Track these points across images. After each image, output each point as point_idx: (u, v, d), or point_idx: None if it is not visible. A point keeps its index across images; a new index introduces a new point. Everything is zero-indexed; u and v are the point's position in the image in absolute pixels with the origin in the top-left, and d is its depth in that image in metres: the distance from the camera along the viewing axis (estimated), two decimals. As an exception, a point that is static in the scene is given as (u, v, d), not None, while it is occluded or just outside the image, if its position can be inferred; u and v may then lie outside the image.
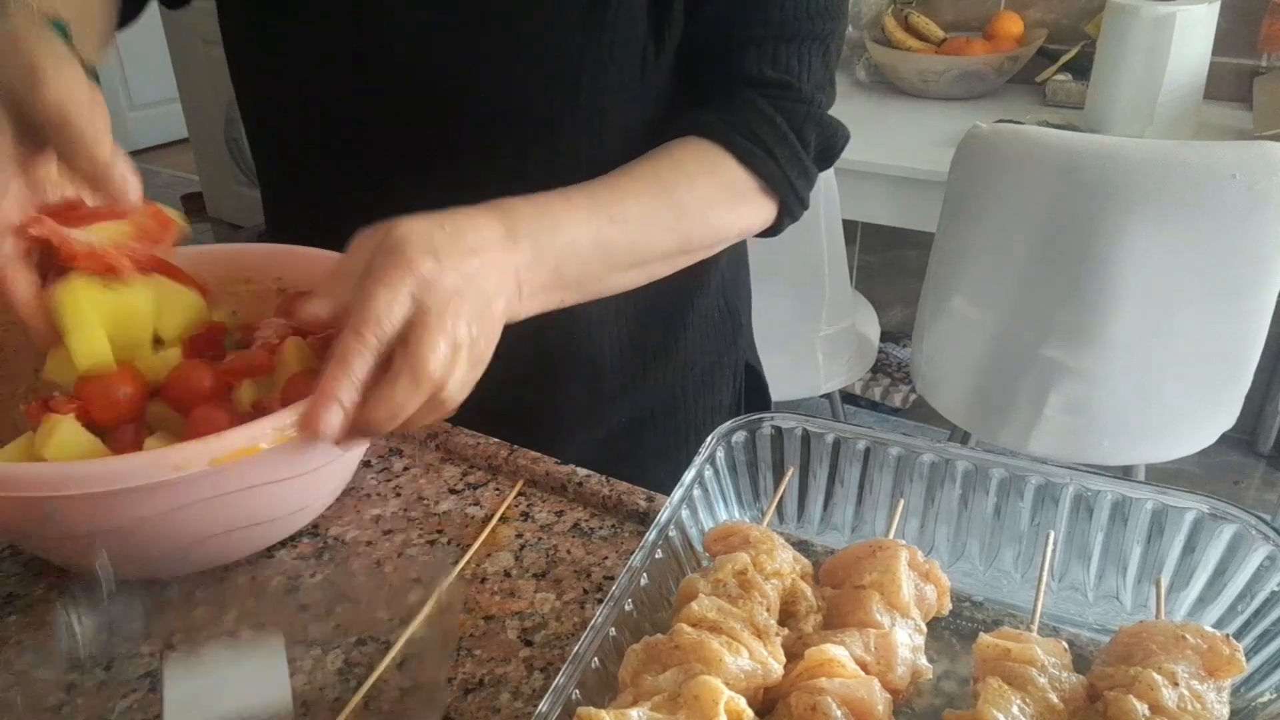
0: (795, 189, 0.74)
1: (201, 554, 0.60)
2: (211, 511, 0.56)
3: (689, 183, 0.69)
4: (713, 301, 0.89)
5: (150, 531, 0.55)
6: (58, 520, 0.52)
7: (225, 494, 0.55)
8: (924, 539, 0.59)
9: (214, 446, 0.50)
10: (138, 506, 0.52)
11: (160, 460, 0.49)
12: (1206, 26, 1.82)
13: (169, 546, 0.57)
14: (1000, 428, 1.61)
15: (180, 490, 0.52)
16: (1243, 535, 0.51)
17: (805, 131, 0.74)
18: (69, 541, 0.57)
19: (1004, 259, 1.48)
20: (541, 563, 0.62)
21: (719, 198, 0.71)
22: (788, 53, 0.73)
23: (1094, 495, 0.54)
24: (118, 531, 0.54)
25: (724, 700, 0.41)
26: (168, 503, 0.53)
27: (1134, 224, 1.33)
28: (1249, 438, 2.36)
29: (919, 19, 2.22)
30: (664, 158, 0.70)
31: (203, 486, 0.53)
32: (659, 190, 0.68)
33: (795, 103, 0.74)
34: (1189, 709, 0.43)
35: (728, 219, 0.73)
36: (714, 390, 0.92)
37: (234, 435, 0.51)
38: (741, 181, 0.72)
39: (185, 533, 0.57)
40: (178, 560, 0.59)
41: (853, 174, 1.77)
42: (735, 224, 0.74)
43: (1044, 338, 1.48)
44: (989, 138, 1.41)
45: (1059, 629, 0.54)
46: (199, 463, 0.50)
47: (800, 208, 0.77)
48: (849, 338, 1.82)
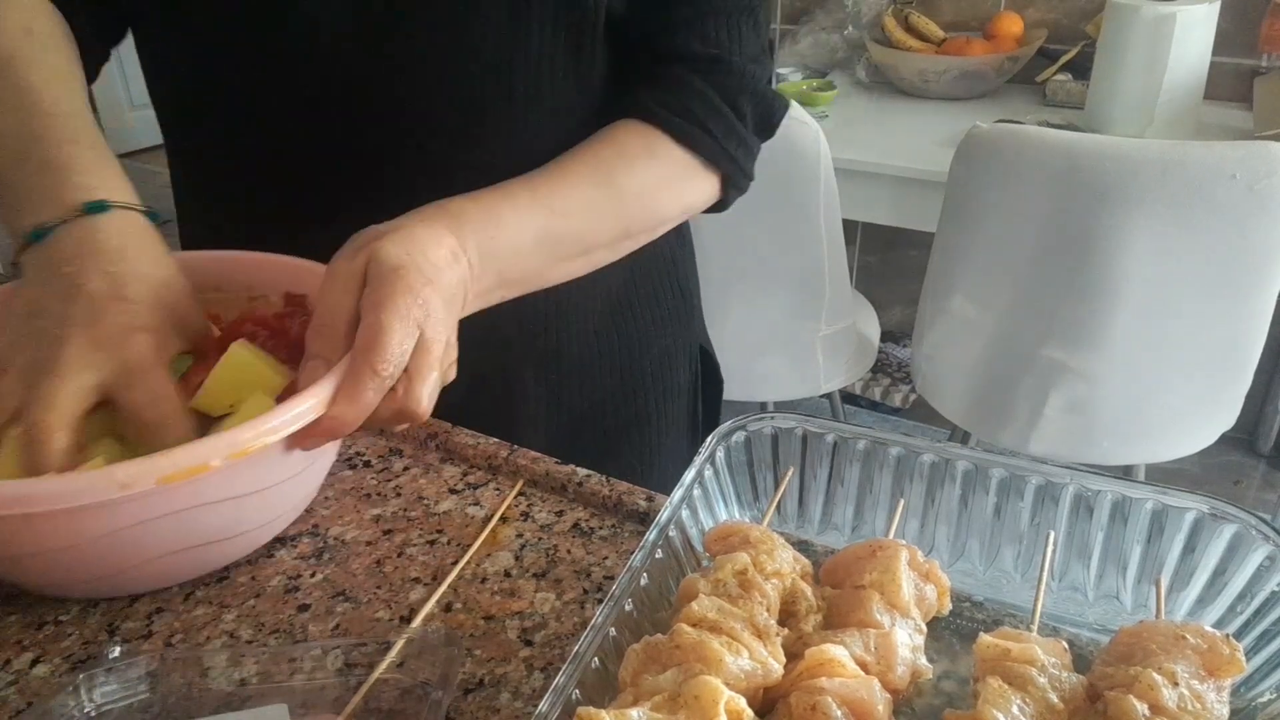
0: (736, 161, 0.75)
1: (155, 571, 0.58)
2: (161, 530, 0.54)
3: (628, 167, 0.70)
4: (666, 283, 0.90)
5: (98, 550, 0.54)
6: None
7: (174, 513, 0.53)
8: (924, 539, 0.59)
9: (161, 464, 0.49)
10: (83, 525, 0.51)
11: (105, 479, 0.48)
12: (1206, 26, 1.82)
13: (119, 565, 0.56)
14: (1000, 428, 1.61)
15: (126, 509, 0.51)
16: (1243, 535, 0.51)
17: (740, 104, 0.75)
18: (10, 561, 0.56)
19: (1004, 259, 1.48)
20: (541, 563, 0.62)
21: (659, 179, 0.72)
22: (716, 26, 0.74)
23: (1094, 495, 0.54)
24: (64, 550, 0.53)
25: (724, 700, 0.41)
26: (115, 522, 0.52)
27: (1134, 224, 1.33)
28: (1249, 438, 2.36)
29: (919, 19, 2.22)
30: (601, 143, 0.70)
31: (153, 505, 0.51)
32: (599, 178, 0.69)
33: (728, 75, 0.74)
34: (1189, 709, 0.43)
35: (669, 200, 0.73)
36: (671, 371, 0.93)
37: (183, 453, 0.49)
38: (680, 160, 0.72)
39: (135, 552, 0.55)
40: (129, 579, 0.58)
41: (853, 174, 1.77)
42: (677, 203, 0.74)
43: (1044, 338, 1.48)
44: (989, 138, 1.41)
45: (1059, 629, 0.54)
46: (145, 481, 0.48)
47: (744, 179, 0.77)
48: (849, 338, 1.82)
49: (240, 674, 0.52)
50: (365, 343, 0.53)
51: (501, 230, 0.63)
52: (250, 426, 0.51)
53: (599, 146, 0.70)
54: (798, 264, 1.67)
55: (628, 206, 0.70)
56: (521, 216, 0.64)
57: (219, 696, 0.51)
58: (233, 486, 0.55)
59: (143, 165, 4.72)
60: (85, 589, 0.59)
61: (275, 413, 0.52)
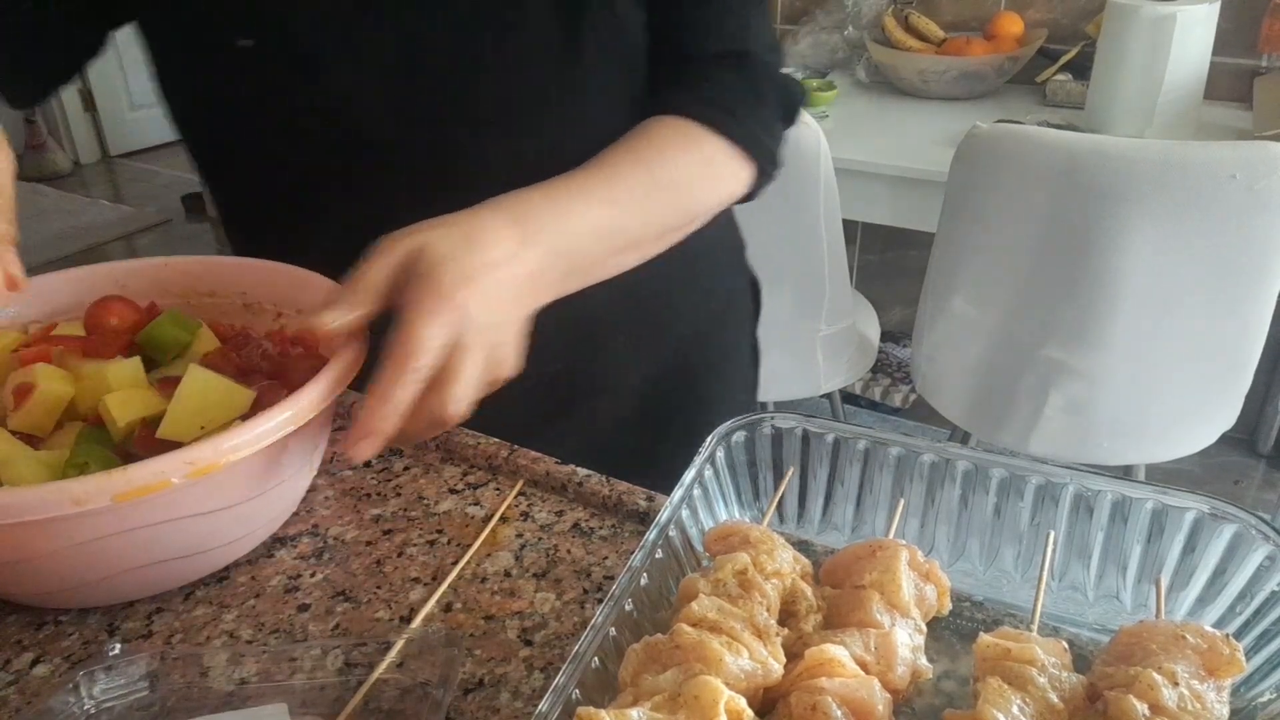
0: (765, 145, 0.76)
1: (121, 586, 0.58)
2: (119, 547, 0.53)
3: (669, 159, 0.71)
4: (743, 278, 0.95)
5: (55, 565, 0.53)
6: None
7: (131, 530, 0.52)
8: (924, 539, 0.59)
9: (117, 481, 0.48)
10: (36, 540, 0.51)
11: (59, 493, 0.47)
12: (1206, 26, 1.82)
13: (81, 579, 0.55)
14: (1000, 428, 1.60)
15: (83, 525, 0.50)
16: (1243, 535, 0.51)
17: (764, 91, 0.76)
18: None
19: (1004, 259, 1.48)
20: (541, 563, 0.62)
21: (699, 169, 0.73)
22: (733, 21, 0.76)
23: (1094, 495, 0.54)
24: (21, 564, 0.53)
25: (724, 700, 0.41)
26: (70, 537, 0.51)
27: (1134, 224, 1.33)
28: (1249, 438, 2.36)
29: (919, 19, 2.22)
30: (639, 139, 0.71)
31: (108, 522, 0.51)
32: (643, 171, 0.69)
33: (750, 66, 0.76)
34: (1189, 709, 0.43)
35: (708, 189, 0.74)
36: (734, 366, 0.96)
37: (140, 469, 0.49)
38: (716, 148, 0.73)
39: (95, 568, 0.54)
40: (93, 592, 0.57)
41: (853, 174, 1.77)
42: (715, 193, 0.75)
43: (1044, 338, 1.48)
44: (989, 138, 1.41)
45: (1059, 629, 0.54)
46: (101, 498, 0.48)
47: (774, 166, 0.78)
48: (849, 338, 1.82)
49: (240, 674, 0.52)
50: (396, 340, 0.54)
51: (570, 221, 0.63)
52: (211, 444, 0.50)
53: (636, 142, 0.71)
54: (798, 264, 1.67)
55: (674, 196, 0.71)
56: (586, 207, 0.65)
57: (219, 696, 0.51)
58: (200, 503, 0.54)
59: (143, 165, 4.72)
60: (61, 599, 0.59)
61: (238, 430, 0.52)
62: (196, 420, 0.57)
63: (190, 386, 0.58)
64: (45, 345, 0.64)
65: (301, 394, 0.55)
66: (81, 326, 0.68)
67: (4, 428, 0.58)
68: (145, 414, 0.58)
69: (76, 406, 0.60)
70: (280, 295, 0.71)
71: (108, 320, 0.67)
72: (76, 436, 0.58)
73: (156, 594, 0.60)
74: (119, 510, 0.49)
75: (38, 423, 0.59)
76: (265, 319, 0.72)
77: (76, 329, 0.67)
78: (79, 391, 0.60)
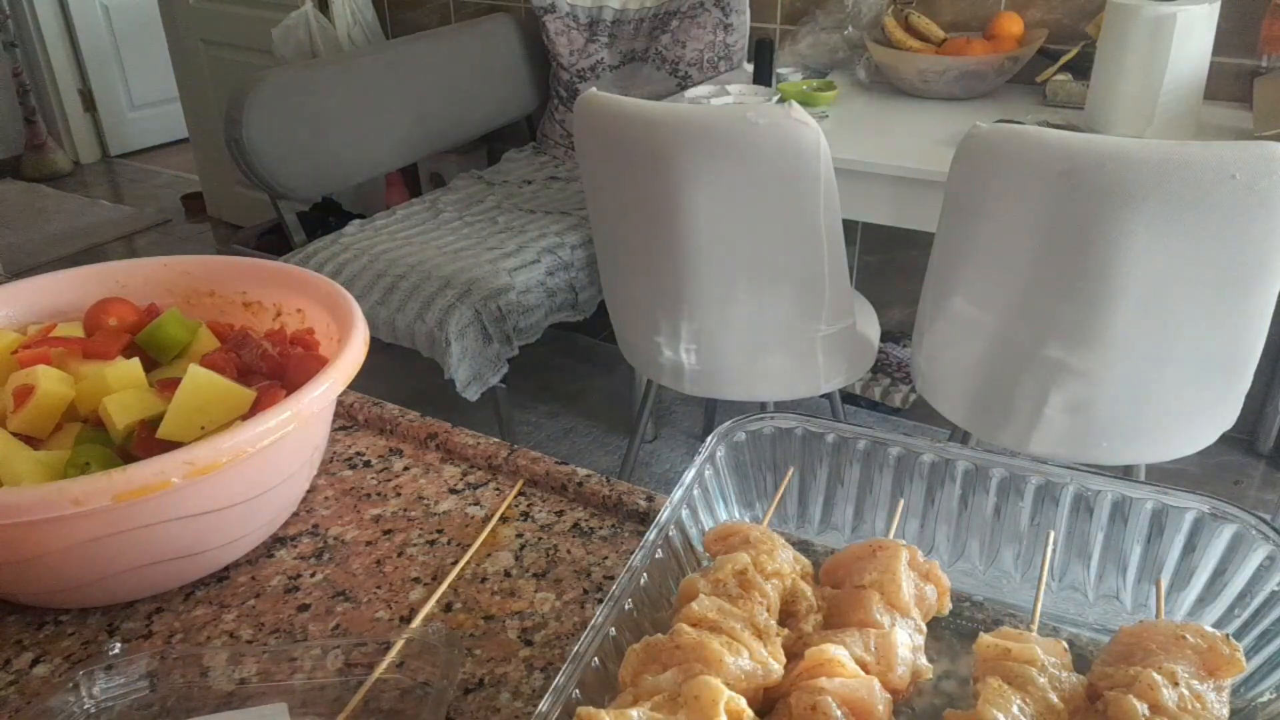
0: None
1: (121, 586, 0.58)
2: (119, 547, 0.53)
3: None
4: None
5: (55, 565, 0.53)
6: None
7: (131, 530, 0.52)
8: (924, 539, 0.59)
9: (117, 481, 0.48)
10: (36, 540, 0.51)
11: (59, 493, 0.47)
12: (1206, 26, 1.82)
13: (81, 579, 0.55)
14: (1000, 428, 1.60)
15: (83, 525, 0.50)
16: (1243, 535, 0.51)
17: None
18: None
19: (1004, 259, 1.48)
20: (541, 563, 0.62)
21: None
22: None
23: (1094, 495, 0.54)
24: (21, 564, 0.53)
25: (724, 700, 0.41)
26: (70, 537, 0.51)
27: (1134, 224, 1.33)
28: (1249, 438, 2.36)
29: (919, 19, 2.22)
30: None
31: (108, 522, 0.51)
32: None
33: None
34: (1189, 709, 0.43)
35: None
36: None
37: (140, 469, 0.49)
38: None
39: (95, 568, 0.54)
40: (93, 592, 0.57)
41: (853, 174, 1.77)
42: None
43: (1044, 338, 1.48)
44: (989, 138, 1.41)
45: (1059, 629, 0.54)
46: (101, 498, 0.48)
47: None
48: (849, 338, 1.82)
49: (240, 673, 0.52)
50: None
51: None
52: (211, 444, 0.50)
53: None
54: (798, 264, 1.67)
55: None
56: None
57: (219, 696, 0.51)
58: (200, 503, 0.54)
59: (143, 165, 4.72)
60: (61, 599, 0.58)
61: (238, 430, 0.52)
62: (196, 420, 0.57)
63: (190, 387, 0.58)
64: (45, 346, 0.64)
65: (301, 394, 0.55)
66: (81, 327, 0.68)
67: (4, 429, 0.58)
68: (145, 415, 0.58)
69: (76, 408, 0.60)
70: (280, 295, 0.71)
71: (107, 321, 0.67)
72: (77, 437, 0.58)
73: (156, 594, 0.60)
74: (119, 510, 0.49)
75: (38, 424, 0.59)
76: (265, 319, 0.72)
77: (76, 330, 0.67)
78: (79, 393, 0.60)
